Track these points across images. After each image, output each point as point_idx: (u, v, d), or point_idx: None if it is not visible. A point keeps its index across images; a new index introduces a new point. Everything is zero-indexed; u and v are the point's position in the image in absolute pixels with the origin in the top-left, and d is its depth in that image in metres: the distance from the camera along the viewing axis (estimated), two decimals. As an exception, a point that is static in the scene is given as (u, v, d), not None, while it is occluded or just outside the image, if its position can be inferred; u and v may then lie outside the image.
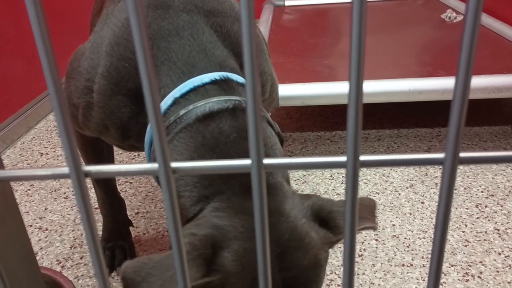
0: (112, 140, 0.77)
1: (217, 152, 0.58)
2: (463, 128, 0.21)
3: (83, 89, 0.73)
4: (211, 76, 0.63)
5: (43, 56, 0.20)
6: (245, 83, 0.66)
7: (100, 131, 0.74)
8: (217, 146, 0.58)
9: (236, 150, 0.58)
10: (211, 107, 0.60)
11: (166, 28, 0.67)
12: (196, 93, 0.62)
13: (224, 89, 0.63)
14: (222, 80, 0.63)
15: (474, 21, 0.19)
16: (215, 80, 0.63)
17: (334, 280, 1.00)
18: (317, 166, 0.23)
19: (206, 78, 0.63)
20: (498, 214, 1.17)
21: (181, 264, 0.24)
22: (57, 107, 0.21)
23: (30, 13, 0.19)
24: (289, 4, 2.38)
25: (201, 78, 0.63)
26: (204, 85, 0.62)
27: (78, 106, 0.75)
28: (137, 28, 0.19)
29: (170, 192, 0.23)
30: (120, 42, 0.68)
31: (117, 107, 0.69)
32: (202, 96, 0.62)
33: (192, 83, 0.63)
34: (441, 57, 1.59)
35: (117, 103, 0.69)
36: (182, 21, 0.67)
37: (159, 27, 0.67)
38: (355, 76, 0.20)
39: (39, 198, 1.36)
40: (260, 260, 0.24)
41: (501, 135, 1.53)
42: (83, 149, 0.93)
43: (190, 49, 0.65)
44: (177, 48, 0.65)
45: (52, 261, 1.11)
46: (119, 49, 0.68)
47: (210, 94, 0.62)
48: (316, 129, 1.65)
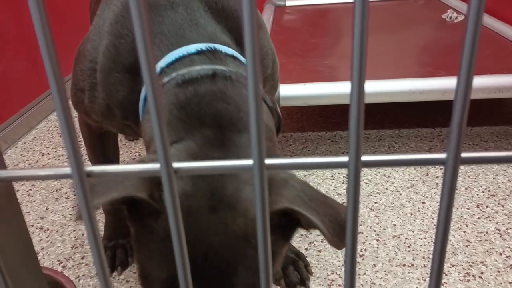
0: (116, 125, 0.78)
1: (187, 111, 0.58)
2: (465, 128, 0.21)
3: (87, 71, 0.75)
4: (198, 46, 0.64)
5: (45, 55, 0.20)
6: (234, 55, 0.66)
7: (104, 114, 0.75)
8: (188, 105, 0.58)
9: (207, 110, 0.58)
10: (191, 74, 0.61)
11: (162, 3, 0.68)
12: (182, 62, 0.63)
13: (210, 58, 0.63)
14: (209, 50, 0.64)
15: (476, 21, 0.19)
16: (201, 50, 0.64)
17: (335, 280, 1.00)
18: (319, 166, 0.23)
19: (192, 49, 0.64)
20: (499, 214, 1.17)
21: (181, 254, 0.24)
22: (60, 106, 0.21)
23: (33, 12, 0.19)
24: (290, 4, 2.38)
25: (188, 48, 0.64)
26: (190, 55, 0.63)
27: (84, 89, 0.77)
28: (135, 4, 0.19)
29: (172, 192, 0.23)
30: (118, 20, 0.70)
31: (114, 84, 0.70)
32: (187, 66, 0.63)
33: (178, 53, 0.64)
34: (442, 57, 1.59)
35: (114, 80, 0.70)
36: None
37: (155, 1, 0.68)
38: (357, 76, 0.20)
39: (40, 198, 1.36)
40: (262, 260, 0.24)
41: (502, 135, 1.53)
42: (90, 146, 0.95)
43: (182, 22, 0.67)
44: (170, 21, 0.67)
45: (54, 261, 1.11)
46: (117, 27, 0.70)
47: (195, 63, 0.63)
48: (317, 129, 1.65)
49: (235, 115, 0.59)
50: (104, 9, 0.75)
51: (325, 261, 1.05)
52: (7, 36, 1.70)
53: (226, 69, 0.62)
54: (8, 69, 1.71)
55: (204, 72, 0.61)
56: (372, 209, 1.22)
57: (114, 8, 0.72)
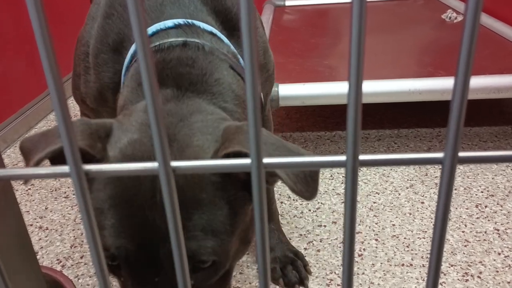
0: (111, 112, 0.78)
1: None
2: (462, 127, 0.22)
3: (81, 55, 0.76)
4: (175, 21, 0.65)
5: (44, 55, 0.20)
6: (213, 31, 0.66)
7: (97, 99, 0.76)
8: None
9: (170, 74, 0.59)
10: (163, 45, 0.62)
11: None
12: (158, 36, 0.64)
13: (186, 32, 0.64)
14: (186, 24, 0.64)
15: (473, 21, 0.19)
16: (179, 24, 0.64)
17: (334, 280, 1.00)
18: (317, 165, 0.23)
19: (169, 23, 0.65)
20: (498, 214, 1.17)
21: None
22: (58, 105, 0.21)
23: (31, 12, 0.19)
24: (289, 4, 2.38)
25: (165, 22, 0.65)
26: (167, 29, 0.64)
27: (80, 74, 0.78)
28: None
29: (170, 191, 0.23)
30: (107, 2, 0.71)
31: (101, 65, 0.71)
32: (163, 38, 0.63)
33: (156, 27, 0.65)
34: (441, 57, 1.59)
35: (101, 61, 0.71)
36: None
37: None
38: (355, 74, 0.20)
39: (39, 197, 1.36)
40: (260, 254, 0.24)
41: (501, 135, 1.53)
42: None
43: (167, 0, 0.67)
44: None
45: (53, 260, 1.11)
46: (106, 8, 0.71)
47: (170, 36, 0.63)
48: (316, 129, 1.65)
49: (198, 78, 0.59)
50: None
51: (324, 261, 1.05)
52: (6, 36, 1.70)
53: (200, 41, 0.62)
54: (8, 69, 1.71)
55: (176, 42, 0.61)
56: (371, 209, 1.22)
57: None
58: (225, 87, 0.61)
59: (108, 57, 0.70)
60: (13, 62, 1.74)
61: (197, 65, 0.60)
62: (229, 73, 0.63)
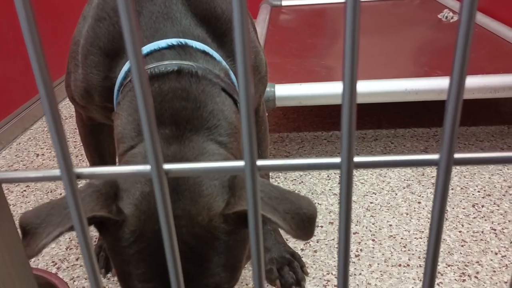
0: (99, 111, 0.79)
1: None
2: (457, 128, 0.21)
3: (72, 53, 0.77)
4: (168, 41, 0.66)
5: (33, 57, 0.20)
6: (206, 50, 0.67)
7: (84, 97, 0.77)
8: None
9: (167, 109, 0.61)
10: (158, 69, 0.63)
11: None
12: (152, 57, 0.65)
13: (180, 54, 0.65)
14: (179, 45, 0.66)
15: (468, 20, 0.19)
16: (172, 45, 0.66)
17: (330, 281, 1.00)
18: (311, 167, 0.23)
19: (163, 43, 0.66)
20: (494, 214, 1.18)
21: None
22: (48, 108, 0.21)
23: (20, 16, 0.19)
24: (286, 4, 2.38)
25: (159, 43, 0.66)
26: (161, 50, 0.66)
27: (70, 71, 0.79)
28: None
29: (163, 193, 0.23)
30: (100, 4, 0.72)
31: (90, 67, 0.72)
32: (156, 60, 0.65)
33: (150, 47, 0.66)
34: (438, 57, 1.59)
35: (91, 62, 0.72)
36: None
37: None
38: (349, 78, 0.20)
39: (35, 199, 1.35)
40: (255, 257, 0.24)
41: (498, 135, 1.54)
42: (84, 141, 0.96)
43: (159, 15, 0.68)
44: (147, 13, 0.69)
45: (48, 263, 1.10)
46: (97, 10, 0.72)
47: (165, 58, 0.65)
48: (313, 129, 1.65)
49: (194, 113, 0.61)
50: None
51: (321, 262, 1.05)
52: (2, 37, 1.69)
53: (194, 65, 0.64)
54: (3, 70, 1.70)
55: (170, 67, 0.63)
56: (368, 209, 1.22)
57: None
58: (220, 118, 0.63)
59: (98, 60, 0.71)
60: (9, 64, 1.73)
61: (191, 97, 0.62)
62: (221, 99, 0.65)
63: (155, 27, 0.68)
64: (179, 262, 0.24)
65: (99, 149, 0.96)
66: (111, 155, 1.00)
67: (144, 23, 0.68)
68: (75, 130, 1.76)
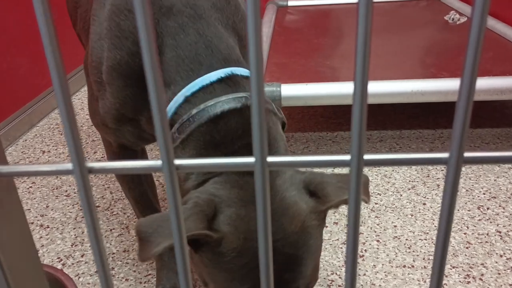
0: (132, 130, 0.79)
1: (221, 149, 0.64)
2: (468, 127, 0.21)
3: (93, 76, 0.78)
4: (217, 74, 0.68)
5: (49, 49, 0.20)
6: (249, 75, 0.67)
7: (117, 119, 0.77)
8: (223, 143, 0.65)
9: (240, 145, 0.64)
10: (221, 106, 0.65)
11: (172, 25, 0.70)
12: (205, 91, 0.67)
13: (230, 85, 0.68)
14: (227, 77, 0.68)
15: (480, 22, 0.19)
16: (221, 78, 0.68)
17: (335, 281, 1.00)
18: (321, 164, 0.23)
19: (213, 77, 0.68)
20: (500, 216, 1.17)
21: (180, 242, 0.24)
22: (62, 101, 0.21)
23: (37, 8, 0.19)
24: (292, 5, 2.38)
25: (209, 76, 0.68)
26: (212, 84, 0.67)
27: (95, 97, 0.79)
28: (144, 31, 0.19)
29: (173, 188, 0.23)
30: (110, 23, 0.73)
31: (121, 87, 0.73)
32: (211, 95, 0.67)
33: (201, 82, 0.68)
34: (444, 58, 1.58)
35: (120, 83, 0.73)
36: (186, 18, 0.70)
37: (166, 25, 0.70)
38: (361, 68, 0.20)
39: (40, 195, 1.36)
40: (263, 256, 0.24)
41: (504, 137, 1.53)
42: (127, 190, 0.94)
43: (197, 46, 0.69)
44: (184, 45, 0.69)
45: (53, 259, 1.11)
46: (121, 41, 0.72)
47: (217, 92, 0.67)
48: (318, 130, 1.65)
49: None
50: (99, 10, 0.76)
51: (325, 262, 1.05)
52: (10, 34, 1.70)
53: (248, 96, 0.67)
54: (10, 67, 1.71)
55: (231, 104, 0.65)
56: (373, 210, 1.22)
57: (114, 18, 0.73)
58: (278, 141, 0.68)
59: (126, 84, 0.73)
60: (16, 60, 1.74)
61: None
62: (273, 120, 0.69)
63: (198, 59, 0.69)
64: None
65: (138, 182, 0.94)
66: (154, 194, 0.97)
67: (185, 56, 0.69)
68: (83, 124, 1.77)
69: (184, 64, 0.68)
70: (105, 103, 0.77)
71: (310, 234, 0.61)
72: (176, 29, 0.70)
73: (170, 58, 0.69)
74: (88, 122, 1.82)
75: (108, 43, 0.73)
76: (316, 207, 0.62)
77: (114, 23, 0.72)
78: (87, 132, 1.74)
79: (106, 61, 0.73)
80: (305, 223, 0.61)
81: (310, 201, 0.62)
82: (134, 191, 0.93)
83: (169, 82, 0.69)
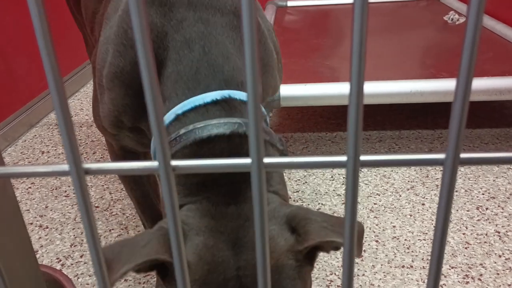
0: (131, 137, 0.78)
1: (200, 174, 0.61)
2: (464, 128, 0.21)
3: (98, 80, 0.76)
4: (213, 95, 0.64)
5: (44, 52, 0.20)
6: None
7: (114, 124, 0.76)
8: None
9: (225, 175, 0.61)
10: (209, 130, 0.61)
11: (179, 39, 0.67)
12: (197, 112, 0.63)
13: (225, 109, 0.64)
14: (224, 100, 0.64)
15: (476, 21, 0.19)
16: (216, 100, 0.64)
17: (334, 281, 1.00)
18: (317, 165, 0.23)
19: (207, 98, 0.64)
20: (499, 216, 1.17)
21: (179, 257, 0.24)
22: (58, 103, 0.21)
23: (32, 11, 0.19)
24: (291, 5, 2.38)
25: (203, 97, 0.64)
26: (206, 105, 0.63)
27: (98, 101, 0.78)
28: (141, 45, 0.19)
29: (170, 189, 0.23)
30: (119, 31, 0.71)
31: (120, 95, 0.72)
32: (202, 116, 0.63)
33: (194, 102, 0.64)
34: (443, 59, 1.58)
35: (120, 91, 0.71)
36: (194, 33, 0.67)
37: (173, 38, 0.67)
38: (357, 70, 0.20)
39: (39, 196, 1.36)
40: (260, 261, 0.24)
41: (503, 138, 1.53)
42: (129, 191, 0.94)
43: (199, 64, 0.66)
44: (186, 61, 0.66)
45: (52, 259, 1.11)
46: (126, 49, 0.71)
47: (210, 114, 0.63)
48: (318, 130, 1.65)
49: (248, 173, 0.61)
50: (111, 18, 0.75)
51: (324, 262, 1.05)
52: (8, 35, 1.70)
53: (242, 122, 0.62)
54: (9, 68, 1.71)
55: (221, 129, 0.61)
56: (372, 210, 1.22)
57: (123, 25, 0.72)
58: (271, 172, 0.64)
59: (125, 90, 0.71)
60: (15, 61, 1.74)
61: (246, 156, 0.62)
62: (268, 152, 0.66)
63: (197, 78, 0.65)
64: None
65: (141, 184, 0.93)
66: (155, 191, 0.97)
67: (184, 73, 0.65)
68: (82, 125, 1.77)
69: (181, 81, 0.65)
70: (104, 108, 0.76)
71: (285, 274, 0.56)
72: (182, 43, 0.67)
73: (170, 73, 0.66)
74: (87, 122, 1.82)
75: (113, 49, 0.71)
76: (294, 246, 0.57)
77: (122, 30, 0.70)
78: (86, 133, 1.74)
79: (108, 67, 0.72)
80: (280, 261, 0.56)
81: (291, 239, 0.57)
82: (136, 191, 0.93)
83: (165, 97, 0.66)
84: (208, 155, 0.61)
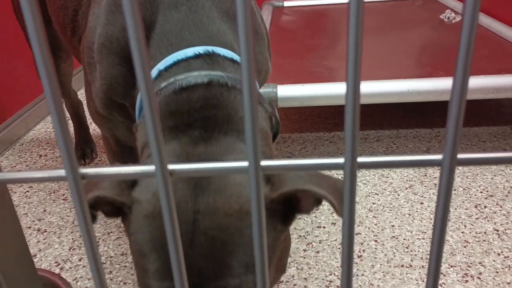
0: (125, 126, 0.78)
1: (177, 118, 0.60)
2: (461, 129, 0.21)
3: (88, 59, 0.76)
4: (195, 50, 0.64)
5: (38, 55, 0.20)
6: (234, 58, 0.66)
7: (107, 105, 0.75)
8: (179, 113, 0.60)
9: (196, 116, 0.59)
10: (189, 81, 0.61)
11: (166, 2, 0.68)
12: (179, 66, 0.63)
13: (207, 63, 0.63)
14: (207, 54, 0.64)
15: (471, 19, 0.19)
16: (199, 54, 0.64)
17: (333, 281, 1.00)
18: (315, 167, 0.23)
19: (190, 52, 0.64)
20: (497, 214, 1.17)
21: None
22: (53, 108, 0.21)
23: (26, 14, 0.19)
24: (288, 5, 2.38)
25: (185, 52, 0.64)
26: (188, 59, 0.63)
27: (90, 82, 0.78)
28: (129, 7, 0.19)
29: (167, 194, 0.23)
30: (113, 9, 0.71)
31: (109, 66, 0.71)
32: (184, 69, 0.63)
33: (176, 56, 0.64)
34: (440, 57, 1.59)
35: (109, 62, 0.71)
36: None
37: (161, 1, 0.68)
38: (353, 69, 0.20)
39: (37, 200, 1.36)
40: (258, 260, 0.24)
41: (500, 136, 1.53)
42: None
43: (184, 22, 0.66)
44: (172, 21, 0.67)
45: (51, 263, 1.10)
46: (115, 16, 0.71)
47: (191, 67, 0.63)
48: (315, 130, 1.65)
49: (224, 119, 0.60)
50: None
51: (323, 262, 1.05)
52: (6, 38, 1.69)
53: (224, 75, 0.62)
54: (6, 71, 1.71)
55: (200, 79, 0.61)
56: (371, 210, 1.22)
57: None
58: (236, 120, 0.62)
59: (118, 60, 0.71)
60: (12, 64, 1.74)
61: (223, 105, 0.60)
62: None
63: (181, 35, 0.66)
64: (183, 262, 0.24)
65: None
66: None
67: (169, 32, 0.66)
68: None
69: (165, 40, 0.66)
70: (95, 86, 0.75)
71: (249, 221, 0.50)
72: (169, 5, 0.68)
73: (156, 34, 0.67)
74: (84, 125, 1.82)
75: (103, 20, 0.71)
76: (267, 193, 0.51)
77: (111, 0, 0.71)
78: (84, 135, 1.73)
79: (98, 39, 0.72)
80: (244, 208, 0.50)
81: (265, 187, 0.52)
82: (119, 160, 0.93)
83: (151, 58, 0.67)
84: (184, 101, 0.60)
